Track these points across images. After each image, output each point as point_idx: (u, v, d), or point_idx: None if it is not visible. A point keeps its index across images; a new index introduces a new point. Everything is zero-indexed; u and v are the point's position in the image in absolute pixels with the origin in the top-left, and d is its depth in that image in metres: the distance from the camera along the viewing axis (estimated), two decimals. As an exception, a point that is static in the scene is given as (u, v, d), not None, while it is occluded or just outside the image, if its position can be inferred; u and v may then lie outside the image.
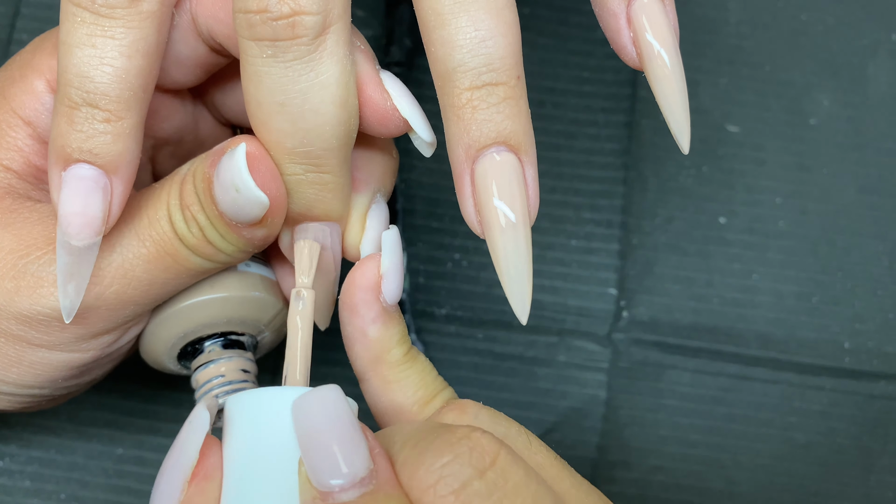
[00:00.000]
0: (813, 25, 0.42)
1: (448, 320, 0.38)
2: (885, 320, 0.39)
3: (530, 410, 0.38)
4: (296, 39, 0.24)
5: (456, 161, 0.25)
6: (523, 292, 0.26)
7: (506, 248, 0.25)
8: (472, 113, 0.24)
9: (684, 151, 0.26)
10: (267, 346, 0.32)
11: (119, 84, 0.25)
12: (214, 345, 0.30)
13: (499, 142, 0.25)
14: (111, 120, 0.25)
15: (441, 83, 0.25)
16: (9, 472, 0.36)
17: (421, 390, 0.27)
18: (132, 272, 0.27)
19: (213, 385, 0.30)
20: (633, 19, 0.25)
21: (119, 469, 0.36)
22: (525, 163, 0.25)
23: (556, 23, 0.41)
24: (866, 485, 0.37)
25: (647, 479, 0.37)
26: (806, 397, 0.38)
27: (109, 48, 0.25)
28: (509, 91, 0.24)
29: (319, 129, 0.25)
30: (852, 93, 0.41)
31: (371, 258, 0.27)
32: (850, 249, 0.39)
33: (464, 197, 0.25)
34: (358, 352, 0.27)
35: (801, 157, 0.40)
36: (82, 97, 0.25)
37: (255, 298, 0.30)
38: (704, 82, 0.41)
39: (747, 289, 0.39)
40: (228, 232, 0.26)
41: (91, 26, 0.25)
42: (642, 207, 0.40)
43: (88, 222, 0.25)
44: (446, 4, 0.24)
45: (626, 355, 0.38)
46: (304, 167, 0.26)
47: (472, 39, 0.24)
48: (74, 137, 0.25)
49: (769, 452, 0.37)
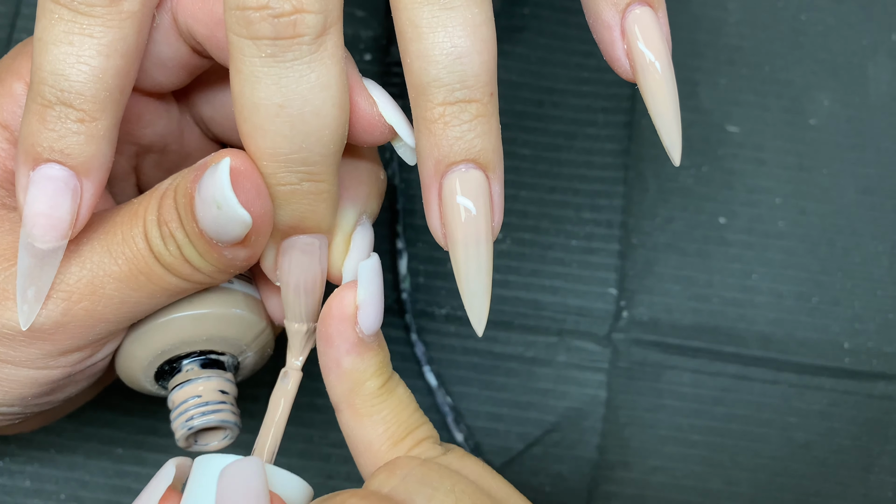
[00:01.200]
0: (813, 26, 0.42)
1: (448, 320, 0.38)
2: (884, 320, 0.39)
3: (530, 410, 0.38)
4: (297, 38, 0.23)
5: (425, 174, 0.25)
6: (482, 307, 0.26)
7: (468, 264, 0.25)
8: (444, 129, 0.24)
9: (675, 164, 0.26)
10: (249, 367, 0.31)
11: (95, 84, 0.24)
12: (193, 364, 0.29)
13: (468, 159, 0.25)
14: (85, 120, 0.24)
15: (415, 95, 0.25)
16: (9, 471, 0.36)
17: (393, 427, 0.26)
18: (102, 290, 0.26)
19: (188, 406, 0.28)
20: (627, 31, 0.25)
21: (119, 469, 0.36)
22: (492, 179, 0.25)
23: (556, 23, 0.41)
24: (866, 485, 0.37)
25: (646, 479, 0.37)
26: (805, 397, 0.38)
27: (87, 47, 0.24)
28: (481, 108, 0.24)
29: (319, 132, 0.24)
30: (852, 93, 0.41)
31: (349, 287, 0.26)
32: (850, 250, 0.39)
33: (430, 209, 0.25)
34: (332, 382, 0.27)
35: (800, 158, 0.40)
36: (56, 95, 0.24)
37: (236, 316, 0.28)
38: (704, 82, 0.41)
39: (747, 289, 0.39)
40: (208, 251, 0.25)
41: (69, 23, 0.24)
42: (642, 207, 0.40)
43: (55, 224, 0.24)
44: (424, 18, 0.24)
45: (626, 355, 0.38)
46: (300, 175, 0.25)
47: (447, 55, 0.24)
48: (46, 136, 0.24)
49: (769, 452, 0.38)
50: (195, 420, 0.28)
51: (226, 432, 0.29)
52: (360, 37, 0.41)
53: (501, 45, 0.41)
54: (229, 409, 0.29)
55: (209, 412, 0.28)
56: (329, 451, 0.37)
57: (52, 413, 0.32)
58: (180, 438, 0.29)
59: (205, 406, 0.28)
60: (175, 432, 0.29)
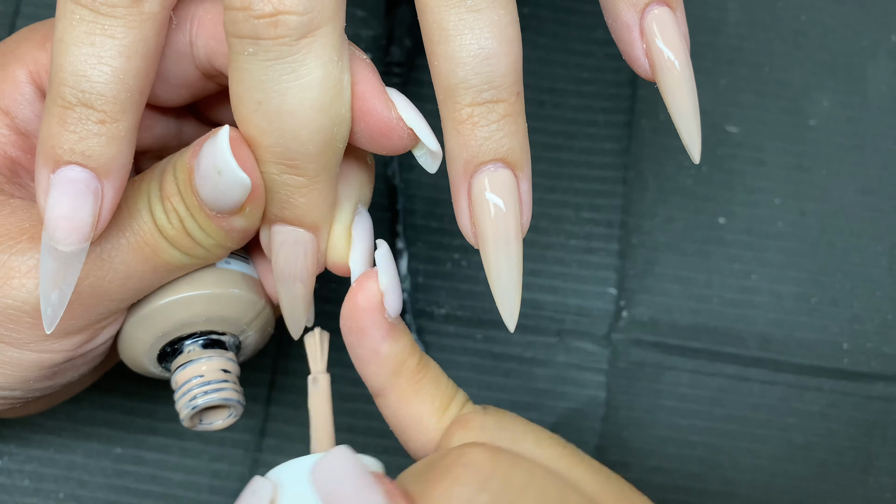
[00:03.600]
0: (812, 26, 0.42)
1: (447, 320, 0.38)
2: (883, 321, 0.39)
3: (529, 411, 0.38)
4: (277, 39, 0.24)
5: (454, 174, 0.26)
6: (513, 303, 0.27)
7: (499, 261, 0.26)
8: (472, 129, 0.25)
9: (695, 161, 0.26)
10: (251, 347, 0.31)
11: (116, 85, 0.24)
12: (194, 344, 0.29)
13: (496, 159, 0.25)
14: (106, 122, 0.24)
15: (443, 97, 0.25)
16: (8, 470, 0.36)
17: (438, 398, 0.27)
18: (109, 263, 0.26)
19: (191, 385, 0.29)
20: (646, 30, 0.25)
21: (118, 468, 0.36)
22: (520, 178, 0.26)
23: (556, 23, 0.41)
24: (864, 486, 0.37)
25: (645, 479, 0.37)
26: (804, 398, 0.38)
27: (108, 47, 0.24)
28: (509, 108, 0.25)
29: (295, 131, 0.24)
30: (852, 94, 0.41)
31: (368, 277, 0.26)
32: (849, 250, 0.39)
33: (460, 209, 0.26)
34: (373, 371, 0.27)
35: (800, 158, 0.40)
36: (77, 97, 0.24)
37: (235, 296, 0.29)
38: (704, 83, 0.41)
39: (746, 289, 0.39)
40: (208, 223, 0.26)
41: (90, 24, 0.24)
42: (642, 207, 0.40)
43: (77, 227, 0.24)
44: (451, 20, 0.24)
45: (625, 356, 0.38)
46: (279, 168, 0.25)
47: (475, 57, 0.24)
48: (66, 138, 0.24)
49: (767, 453, 0.38)
50: (198, 399, 0.29)
51: (230, 410, 0.30)
52: (360, 37, 0.41)
53: (501, 45, 0.41)
54: (232, 388, 0.29)
55: (212, 391, 0.29)
56: (328, 450, 0.37)
57: (52, 398, 0.33)
58: (185, 418, 0.29)
59: (207, 385, 0.29)
60: (179, 412, 0.29)
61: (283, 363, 0.38)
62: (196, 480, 0.37)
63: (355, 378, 0.38)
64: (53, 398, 0.33)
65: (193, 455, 0.37)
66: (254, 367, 0.37)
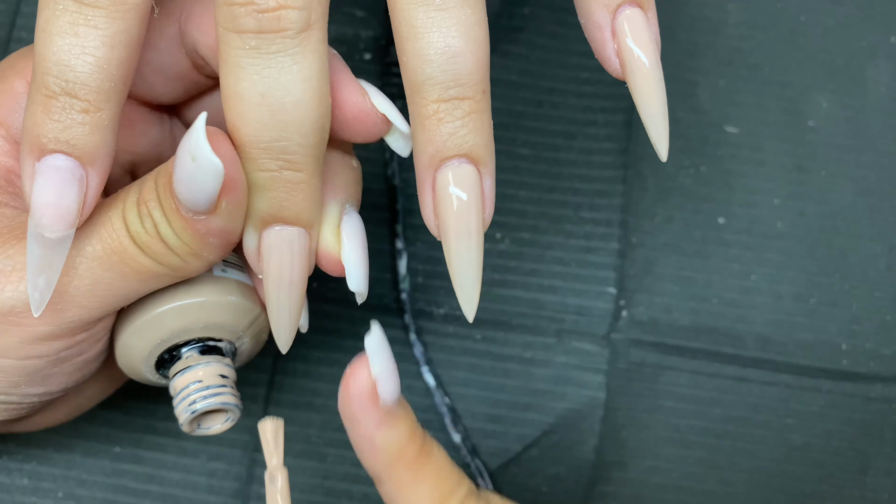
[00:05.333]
0: (812, 27, 0.42)
1: (447, 320, 0.38)
2: (882, 322, 0.39)
3: (528, 411, 0.38)
4: (280, 32, 0.24)
5: (420, 167, 0.26)
6: (472, 295, 0.27)
7: (459, 254, 0.27)
8: (438, 124, 0.25)
9: (662, 159, 0.27)
10: (246, 353, 0.31)
11: (100, 74, 0.24)
12: (192, 351, 0.30)
13: (461, 154, 0.26)
14: (90, 111, 0.24)
15: (411, 92, 0.26)
16: (7, 469, 0.36)
17: (437, 490, 0.27)
18: (74, 270, 0.26)
19: (190, 391, 0.29)
20: (617, 30, 0.26)
21: (116, 467, 0.36)
22: (483, 174, 0.26)
23: (556, 23, 0.41)
24: (862, 487, 0.37)
25: (643, 479, 0.37)
26: (803, 399, 0.38)
27: (92, 38, 0.24)
28: (474, 105, 0.25)
29: (299, 122, 0.25)
30: (851, 95, 0.41)
31: (360, 363, 0.27)
32: (848, 251, 0.39)
33: (424, 202, 0.26)
34: (368, 459, 0.27)
35: (799, 159, 0.40)
36: (61, 86, 0.24)
37: (231, 303, 0.29)
38: (703, 83, 0.41)
39: (746, 289, 0.39)
40: (183, 227, 0.26)
41: (74, 14, 0.24)
42: (641, 207, 0.40)
43: (63, 214, 0.25)
44: (419, 18, 0.25)
45: (625, 356, 0.38)
46: (280, 163, 0.25)
47: (442, 55, 0.25)
48: (51, 127, 0.24)
49: (766, 454, 0.38)
50: (198, 403, 0.29)
51: (227, 415, 0.30)
52: (360, 37, 0.41)
53: (501, 44, 0.41)
54: (230, 392, 0.30)
55: (210, 395, 0.29)
56: (326, 450, 0.37)
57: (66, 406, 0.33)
58: (184, 423, 0.29)
59: (206, 390, 0.29)
60: (179, 417, 0.29)
61: (283, 363, 0.38)
62: (194, 480, 0.37)
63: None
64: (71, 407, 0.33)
65: (191, 454, 0.37)
66: (253, 367, 0.37)
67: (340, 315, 0.38)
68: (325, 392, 0.38)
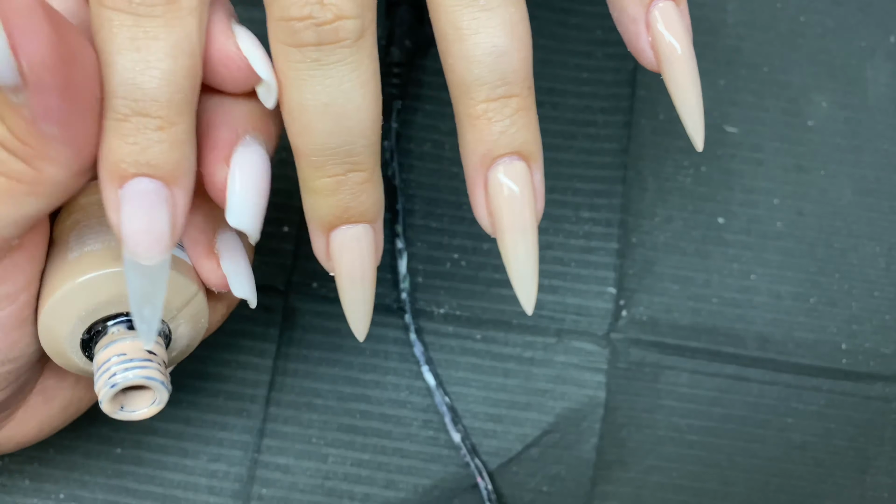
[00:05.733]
0: (811, 27, 0.42)
1: (446, 320, 0.38)
2: (881, 322, 0.39)
3: (528, 411, 0.38)
4: (339, 43, 0.24)
5: (471, 167, 0.26)
6: (531, 288, 0.27)
7: (517, 249, 0.27)
8: (488, 124, 0.26)
9: (698, 149, 0.27)
10: (184, 340, 0.28)
11: (169, 87, 0.24)
12: (118, 326, 0.27)
13: (511, 152, 0.26)
14: (164, 127, 0.24)
15: (458, 93, 0.26)
16: (8, 470, 0.36)
17: None
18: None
19: (111, 364, 0.26)
20: (651, 23, 0.27)
21: (117, 468, 0.36)
22: (533, 169, 0.27)
23: (556, 23, 0.41)
24: (862, 486, 0.37)
25: (643, 479, 0.37)
26: (803, 398, 0.38)
27: (154, 50, 0.23)
28: (521, 102, 0.26)
29: (362, 125, 0.25)
30: (850, 95, 0.41)
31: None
32: (848, 251, 0.39)
33: (477, 201, 0.27)
34: None
35: (798, 159, 0.40)
36: (130, 107, 0.23)
37: None
38: (703, 83, 0.41)
39: (745, 289, 0.39)
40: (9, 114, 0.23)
41: (132, 29, 0.23)
42: (641, 207, 0.40)
43: (156, 239, 0.24)
44: (465, 20, 0.25)
45: (625, 356, 0.38)
46: (346, 167, 0.26)
47: (489, 55, 0.25)
48: (128, 151, 0.23)
49: (766, 453, 0.38)
50: (118, 376, 0.26)
51: (154, 396, 0.27)
52: (360, 36, 0.41)
53: (501, 45, 0.41)
54: (156, 368, 0.27)
55: (133, 368, 0.26)
56: (327, 451, 0.37)
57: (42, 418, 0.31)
58: (104, 400, 0.26)
59: (129, 363, 0.26)
60: (98, 394, 0.26)
61: (283, 363, 0.38)
62: (195, 481, 0.37)
63: (355, 378, 0.38)
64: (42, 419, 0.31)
65: (192, 456, 0.37)
66: (253, 367, 0.37)
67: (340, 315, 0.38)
68: (325, 392, 0.38)
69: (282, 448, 0.37)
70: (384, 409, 0.38)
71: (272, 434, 0.37)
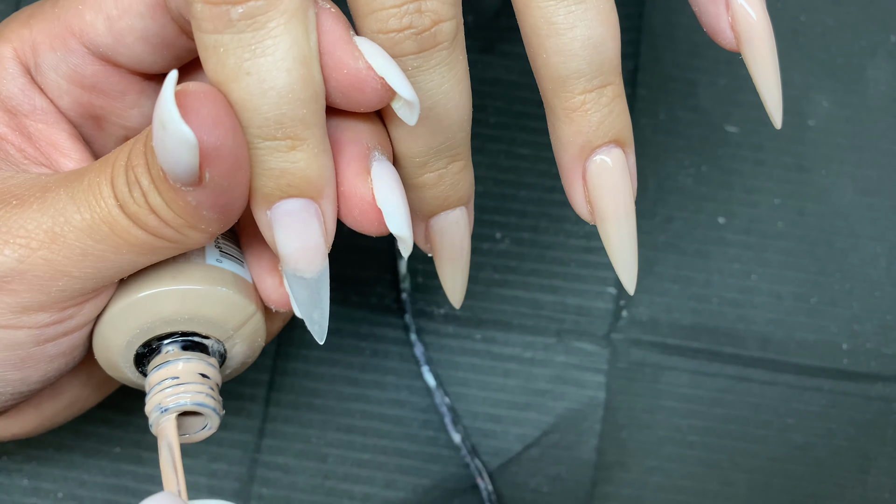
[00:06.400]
0: (812, 27, 0.42)
1: (447, 320, 0.38)
2: (882, 322, 0.39)
3: (528, 411, 0.38)
4: (437, 47, 0.25)
5: (569, 159, 0.27)
6: (634, 271, 0.28)
7: (620, 235, 0.27)
8: (585, 115, 0.26)
9: (777, 126, 0.27)
10: (238, 358, 0.28)
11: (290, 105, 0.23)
12: (173, 345, 0.26)
13: (609, 141, 0.26)
14: (296, 146, 0.23)
15: (552, 87, 0.26)
16: (6, 470, 0.36)
17: None
18: (62, 238, 0.24)
19: (164, 387, 0.26)
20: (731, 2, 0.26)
21: (116, 468, 0.36)
22: (628, 154, 0.27)
23: (556, 22, 0.41)
24: (863, 486, 0.37)
25: (644, 479, 0.37)
26: (804, 399, 0.38)
27: (265, 69, 0.22)
28: (615, 90, 0.26)
29: (461, 120, 0.26)
30: (851, 94, 0.41)
31: None
32: (848, 251, 0.39)
33: (575, 191, 0.27)
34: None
35: (799, 158, 0.40)
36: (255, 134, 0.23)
37: (222, 295, 0.26)
38: (703, 82, 0.41)
39: (746, 289, 0.39)
40: (173, 198, 0.23)
41: (237, 51, 0.22)
42: (641, 207, 0.40)
43: (313, 253, 0.24)
44: (560, 14, 0.25)
45: (625, 356, 0.38)
46: (447, 160, 0.26)
47: (587, 48, 0.25)
48: (266, 177, 0.23)
49: (766, 454, 0.38)
50: (168, 400, 0.26)
51: (205, 421, 0.27)
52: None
53: (501, 44, 0.41)
54: (209, 393, 0.26)
55: (184, 393, 0.26)
56: (327, 451, 0.37)
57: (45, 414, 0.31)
58: (153, 423, 0.26)
59: (181, 387, 0.26)
60: (149, 417, 0.26)
61: (283, 363, 0.38)
62: (195, 480, 0.37)
63: (355, 378, 0.38)
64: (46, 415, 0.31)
65: (192, 455, 0.37)
66: (254, 367, 0.37)
67: (340, 315, 0.38)
68: (325, 392, 0.37)
69: (282, 448, 0.37)
70: (384, 409, 0.38)
71: (272, 434, 0.37)
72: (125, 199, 0.24)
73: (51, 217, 0.24)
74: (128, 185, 0.24)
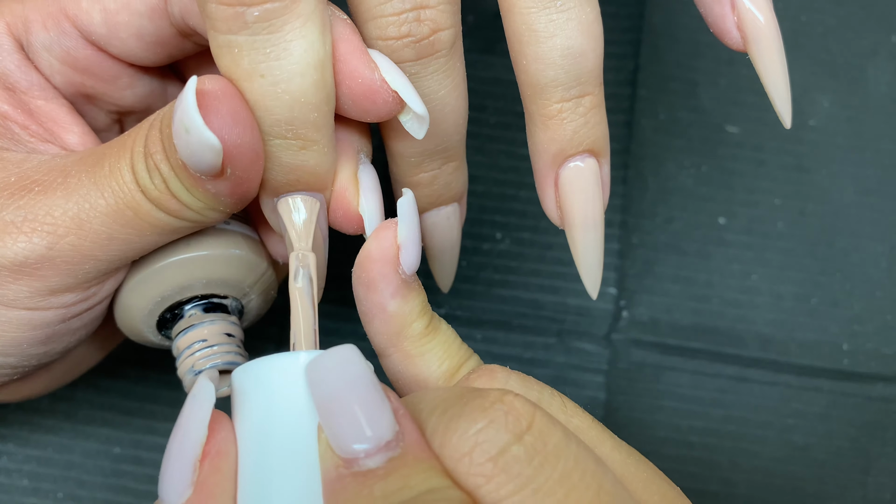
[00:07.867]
0: (813, 27, 0.42)
1: (447, 320, 0.38)
2: (883, 322, 0.39)
3: (529, 411, 0.37)
4: (435, 54, 0.25)
5: (542, 165, 0.27)
6: (597, 278, 0.29)
7: (586, 242, 0.28)
8: (561, 124, 0.26)
9: (786, 126, 0.28)
10: (254, 311, 0.30)
11: (302, 109, 0.23)
12: (195, 309, 0.28)
13: (583, 150, 0.27)
14: (307, 147, 0.24)
15: (531, 93, 0.26)
16: (6, 470, 0.36)
17: (446, 362, 0.26)
18: (89, 224, 0.25)
19: (194, 350, 0.27)
20: (737, 3, 0.27)
21: (116, 468, 0.36)
22: (602, 164, 0.27)
23: (556, 22, 0.41)
24: (864, 486, 0.37)
25: (644, 479, 0.37)
26: (804, 399, 0.38)
27: (279, 72, 0.23)
28: (594, 100, 0.26)
29: (455, 124, 0.27)
30: (852, 94, 0.41)
31: (386, 228, 0.25)
32: (849, 251, 0.39)
33: (547, 196, 0.28)
34: (377, 327, 0.26)
35: (800, 159, 0.40)
36: (268, 132, 0.24)
37: (235, 257, 0.28)
38: (704, 83, 0.41)
39: (746, 289, 0.39)
40: (193, 185, 0.24)
41: (251, 52, 0.23)
42: (642, 207, 0.40)
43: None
44: (541, 22, 0.25)
45: (625, 356, 0.38)
46: (441, 161, 0.27)
47: (565, 57, 0.25)
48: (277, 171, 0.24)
49: (767, 454, 0.38)
50: (202, 363, 0.27)
51: None
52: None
53: (501, 44, 0.41)
54: (237, 352, 0.28)
55: (214, 355, 0.28)
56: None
57: (52, 375, 0.32)
58: (188, 385, 0.28)
59: (210, 349, 0.28)
60: (182, 380, 0.28)
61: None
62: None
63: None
64: (55, 376, 0.32)
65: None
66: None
67: (340, 315, 0.38)
68: (325, 392, 0.37)
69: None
70: (384, 409, 0.37)
71: (271, 434, 0.37)
72: (146, 185, 0.24)
73: (76, 203, 0.25)
74: (148, 171, 0.24)
